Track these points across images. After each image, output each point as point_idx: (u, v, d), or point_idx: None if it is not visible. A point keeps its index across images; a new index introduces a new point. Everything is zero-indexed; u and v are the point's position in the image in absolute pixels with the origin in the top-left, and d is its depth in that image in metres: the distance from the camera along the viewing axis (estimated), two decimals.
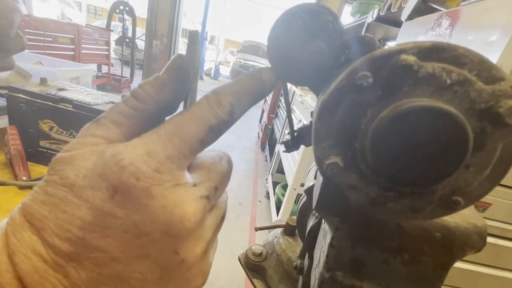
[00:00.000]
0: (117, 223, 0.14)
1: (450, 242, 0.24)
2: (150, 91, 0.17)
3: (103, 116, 0.17)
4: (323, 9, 0.21)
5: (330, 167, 0.17)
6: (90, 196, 0.14)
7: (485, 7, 0.86)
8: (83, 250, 0.14)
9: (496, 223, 0.96)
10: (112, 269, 0.15)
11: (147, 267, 0.15)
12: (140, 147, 0.15)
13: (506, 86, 0.14)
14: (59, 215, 0.14)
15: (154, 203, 0.14)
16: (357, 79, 0.15)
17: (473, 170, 0.15)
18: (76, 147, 0.16)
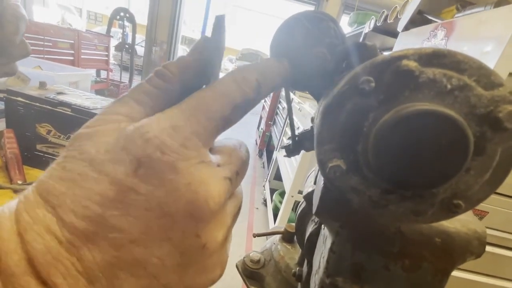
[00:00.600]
0: (140, 199, 0.13)
1: (450, 248, 0.24)
2: (175, 71, 0.17)
3: (126, 94, 0.16)
4: (324, 16, 0.22)
5: (333, 169, 0.17)
6: (112, 170, 0.13)
7: (479, 18, 0.89)
8: (101, 229, 0.13)
9: (494, 232, 0.96)
10: (130, 252, 0.13)
11: (166, 251, 0.14)
12: (164, 121, 0.14)
13: (505, 92, 0.14)
14: (77, 191, 0.13)
15: (179, 179, 0.14)
16: (360, 83, 0.16)
17: (473, 173, 0.15)
18: (97, 123, 0.15)
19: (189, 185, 0.14)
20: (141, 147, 0.14)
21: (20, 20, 0.47)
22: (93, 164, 0.14)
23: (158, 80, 0.17)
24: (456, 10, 1.15)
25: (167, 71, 0.17)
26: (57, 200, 0.13)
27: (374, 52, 0.18)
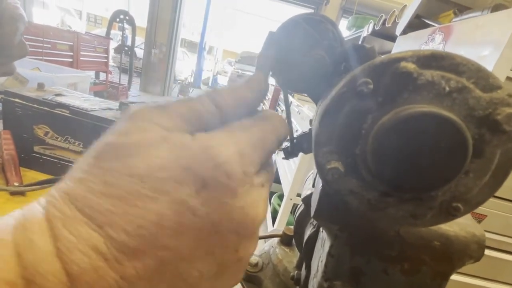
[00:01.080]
0: (195, 220, 0.13)
1: (449, 251, 0.24)
2: (231, 104, 0.17)
3: (170, 105, 0.16)
4: (323, 19, 0.22)
5: (331, 172, 0.17)
6: (172, 189, 0.13)
7: (477, 23, 0.89)
8: (152, 247, 0.13)
9: (492, 235, 0.96)
10: (176, 268, 0.14)
11: (207, 265, 0.15)
12: (231, 146, 0.15)
13: (503, 94, 0.14)
14: (128, 210, 0.12)
15: (235, 203, 0.14)
16: (358, 85, 0.16)
17: (472, 176, 0.15)
18: (134, 131, 0.14)
19: (242, 208, 0.15)
20: (210, 169, 0.14)
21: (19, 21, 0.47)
22: (145, 181, 0.13)
23: (211, 105, 0.17)
24: (453, 15, 1.16)
25: (224, 101, 0.17)
26: (105, 218, 0.12)
27: (372, 54, 0.18)
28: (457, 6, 1.25)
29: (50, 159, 0.85)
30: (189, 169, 0.13)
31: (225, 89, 0.18)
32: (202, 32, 8.72)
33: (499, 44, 0.77)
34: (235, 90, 0.18)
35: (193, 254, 0.14)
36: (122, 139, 0.14)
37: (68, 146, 0.83)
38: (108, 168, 0.13)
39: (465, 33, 0.94)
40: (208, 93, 0.17)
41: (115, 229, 0.12)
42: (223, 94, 0.17)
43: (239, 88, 0.18)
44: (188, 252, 0.14)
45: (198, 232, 0.14)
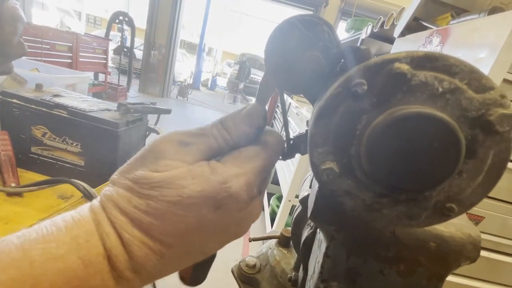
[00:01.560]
0: (212, 225, 0.20)
1: (445, 252, 0.24)
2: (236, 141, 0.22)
3: (193, 142, 0.21)
4: (319, 20, 0.22)
5: (326, 172, 0.17)
6: (196, 210, 0.19)
7: (474, 25, 0.90)
8: (181, 241, 0.19)
9: (490, 237, 0.96)
10: (196, 248, 0.21)
11: (218, 244, 0.22)
12: (242, 177, 0.20)
13: (496, 95, 0.14)
14: (165, 224, 0.19)
15: (242, 215, 0.21)
16: (352, 86, 0.16)
17: (466, 177, 0.15)
18: (164, 168, 0.19)
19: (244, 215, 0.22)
20: (224, 197, 0.19)
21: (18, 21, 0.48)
22: (177, 206, 0.18)
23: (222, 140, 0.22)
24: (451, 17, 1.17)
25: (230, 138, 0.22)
26: (148, 227, 0.19)
27: (367, 56, 0.18)
28: (454, 9, 1.26)
29: (47, 160, 0.85)
30: (209, 198, 0.19)
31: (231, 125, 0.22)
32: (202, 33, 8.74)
33: (496, 47, 0.78)
34: (239, 126, 0.22)
35: (209, 240, 0.21)
36: (155, 174, 0.19)
37: (66, 147, 0.83)
38: (148, 194, 0.19)
39: (462, 36, 0.95)
40: (219, 129, 0.22)
41: (156, 234, 0.19)
42: (230, 132, 0.22)
43: (243, 124, 0.23)
44: (206, 240, 0.21)
45: (214, 229, 0.20)
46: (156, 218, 0.18)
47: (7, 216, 0.65)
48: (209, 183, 0.19)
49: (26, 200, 0.71)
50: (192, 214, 0.19)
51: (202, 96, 8.66)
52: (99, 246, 0.18)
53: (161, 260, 0.19)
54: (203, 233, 0.20)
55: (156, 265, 0.19)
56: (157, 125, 1.09)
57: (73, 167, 0.84)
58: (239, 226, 0.22)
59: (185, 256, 0.21)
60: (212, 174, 0.19)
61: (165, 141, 0.20)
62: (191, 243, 0.20)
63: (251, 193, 0.21)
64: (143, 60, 6.60)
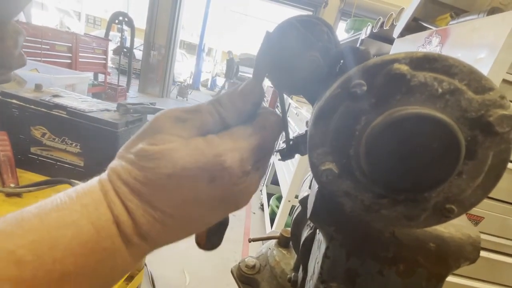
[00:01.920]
0: (208, 198, 0.21)
1: (445, 253, 0.24)
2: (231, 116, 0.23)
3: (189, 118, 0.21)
4: (318, 21, 0.22)
5: (325, 173, 0.17)
6: (191, 183, 0.20)
7: (473, 26, 0.90)
8: (180, 212, 0.20)
9: (489, 237, 0.96)
10: (195, 218, 0.22)
11: (216, 216, 0.23)
12: (235, 153, 0.21)
13: (495, 96, 0.14)
14: (163, 195, 0.20)
15: (235, 188, 0.21)
16: (352, 87, 0.16)
17: (465, 178, 0.15)
18: (161, 142, 0.20)
19: (240, 190, 0.22)
20: (219, 170, 0.20)
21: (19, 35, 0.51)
22: (172, 178, 0.19)
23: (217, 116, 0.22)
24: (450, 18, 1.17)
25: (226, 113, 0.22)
26: (149, 198, 0.20)
27: (366, 56, 0.18)
28: (454, 9, 1.26)
29: (47, 160, 0.85)
30: (203, 170, 0.20)
31: (227, 104, 0.22)
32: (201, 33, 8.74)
33: (495, 47, 0.78)
34: (234, 103, 0.23)
35: (207, 211, 0.22)
36: (152, 147, 0.20)
37: (65, 148, 0.83)
38: (145, 166, 0.20)
39: (462, 36, 0.95)
40: (215, 105, 0.22)
41: (156, 204, 0.20)
42: (225, 108, 0.22)
43: (237, 102, 0.23)
44: (204, 211, 0.22)
45: (211, 202, 0.21)
46: (154, 189, 0.19)
47: None
48: (204, 155, 0.20)
49: (25, 201, 0.71)
50: (187, 186, 0.20)
51: (202, 96, 8.66)
52: (108, 213, 0.19)
53: (164, 228, 0.20)
54: (200, 205, 0.21)
55: (160, 232, 0.21)
56: None
57: (72, 167, 0.84)
58: (236, 199, 0.23)
59: (187, 225, 0.22)
60: (207, 147, 0.20)
61: (163, 117, 0.21)
62: (191, 214, 0.21)
63: (245, 168, 0.21)
64: (143, 60, 6.59)
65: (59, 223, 0.18)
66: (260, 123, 0.23)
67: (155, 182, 0.19)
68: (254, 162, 0.22)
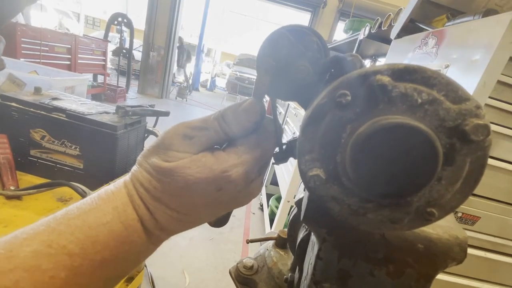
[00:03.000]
0: (216, 202, 0.25)
1: (433, 254, 0.25)
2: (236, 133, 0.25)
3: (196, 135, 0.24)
4: (308, 31, 0.22)
5: (313, 179, 0.18)
6: (202, 192, 0.24)
7: (469, 28, 0.91)
8: (192, 212, 0.25)
9: (485, 237, 0.97)
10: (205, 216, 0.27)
11: (222, 212, 0.28)
12: (241, 166, 0.24)
13: (471, 106, 0.15)
14: (178, 201, 0.24)
15: (240, 195, 0.25)
16: (337, 97, 0.16)
17: (445, 183, 0.16)
18: (173, 159, 0.23)
19: (245, 195, 0.26)
20: (225, 183, 0.24)
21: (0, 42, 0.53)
22: (185, 189, 0.23)
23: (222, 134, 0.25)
24: (446, 19, 1.18)
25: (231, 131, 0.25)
26: (166, 202, 0.24)
27: (353, 66, 0.19)
28: (450, 11, 1.27)
29: (46, 163, 0.85)
30: (212, 183, 0.23)
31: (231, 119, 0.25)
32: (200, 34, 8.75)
33: (490, 49, 0.79)
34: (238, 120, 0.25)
35: (215, 211, 0.27)
36: (165, 164, 0.23)
37: (65, 150, 0.84)
38: (163, 180, 0.23)
39: (458, 38, 0.96)
40: (220, 122, 0.25)
41: (172, 207, 0.24)
42: (230, 124, 0.25)
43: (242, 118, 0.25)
44: (212, 211, 0.26)
45: (218, 205, 0.26)
46: (171, 196, 0.24)
47: (7, 219, 0.66)
48: (212, 171, 0.23)
49: (25, 203, 0.72)
50: (197, 195, 0.24)
51: (201, 97, 8.67)
52: (134, 214, 0.24)
53: (180, 223, 0.25)
54: (209, 207, 0.25)
55: (177, 226, 0.25)
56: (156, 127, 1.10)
57: (72, 169, 0.85)
58: (241, 201, 0.27)
59: (199, 220, 0.27)
60: (214, 163, 0.23)
61: (172, 134, 0.24)
62: (202, 212, 0.26)
63: (249, 179, 0.25)
64: (142, 61, 6.60)
65: (97, 223, 0.22)
66: (261, 135, 0.26)
67: (171, 192, 0.23)
68: (257, 172, 0.26)
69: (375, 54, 2.54)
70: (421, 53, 1.10)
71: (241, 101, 0.25)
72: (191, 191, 0.23)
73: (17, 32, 2.88)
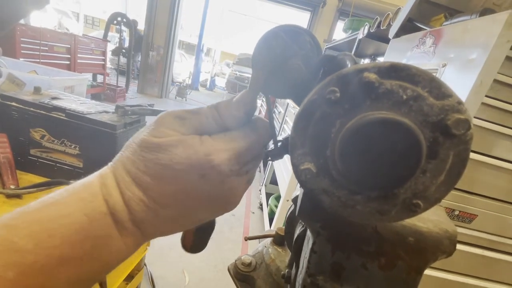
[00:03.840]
0: (198, 193, 0.23)
1: (422, 247, 0.26)
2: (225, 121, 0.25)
3: (188, 117, 0.24)
4: (301, 30, 0.23)
5: (304, 173, 0.18)
6: (184, 176, 0.22)
7: (466, 27, 0.92)
8: (172, 202, 0.23)
9: (483, 235, 0.98)
10: (187, 212, 0.24)
11: (205, 214, 0.26)
12: (226, 152, 0.23)
13: (453, 102, 0.16)
14: (159, 183, 0.22)
15: (223, 186, 0.24)
16: (327, 93, 0.17)
17: (429, 175, 0.17)
18: (161, 135, 0.23)
19: (229, 188, 0.24)
20: (208, 169, 0.22)
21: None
22: (167, 169, 0.22)
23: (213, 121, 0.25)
24: (444, 19, 1.19)
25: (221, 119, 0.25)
26: (146, 186, 0.22)
27: (342, 65, 0.20)
28: (448, 10, 1.27)
29: (46, 162, 0.86)
30: (195, 167, 0.22)
31: (223, 109, 0.25)
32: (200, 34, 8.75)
33: (486, 48, 0.79)
34: (229, 109, 0.25)
35: (197, 207, 0.24)
36: (154, 139, 0.22)
37: (65, 149, 0.84)
38: (146, 157, 0.22)
39: (455, 37, 0.96)
40: (212, 110, 0.25)
41: (151, 192, 0.22)
42: (220, 113, 0.25)
43: (231, 108, 0.25)
44: (194, 206, 0.24)
45: (200, 198, 0.24)
46: (152, 178, 0.22)
47: None
48: (196, 153, 0.22)
49: (26, 202, 0.72)
50: (180, 178, 0.22)
51: (201, 96, 8.68)
52: (103, 206, 0.22)
53: (157, 218, 0.23)
54: (191, 198, 0.23)
55: (153, 222, 0.23)
56: None
57: (71, 168, 0.86)
58: (224, 198, 0.25)
59: (178, 218, 0.24)
60: (199, 146, 0.23)
61: (166, 115, 0.24)
62: (182, 206, 0.24)
63: (233, 167, 0.23)
64: (142, 61, 6.60)
65: (57, 215, 0.20)
66: (250, 128, 0.26)
67: (153, 172, 0.22)
68: (242, 163, 0.25)
69: (374, 53, 2.55)
70: (419, 52, 1.10)
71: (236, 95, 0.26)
72: (174, 172, 0.22)
73: (17, 32, 2.88)
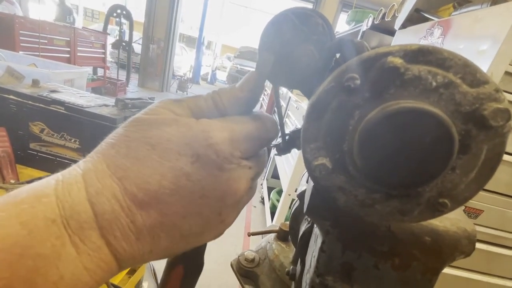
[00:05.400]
0: (189, 184, 0.18)
1: (439, 247, 0.24)
2: (226, 104, 0.22)
3: (184, 99, 0.21)
4: (313, 13, 0.21)
5: (318, 168, 0.17)
6: (174, 158, 0.18)
7: (476, 17, 0.89)
8: (154, 201, 0.17)
9: (489, 230, 0.96)
10: (171, 220, 0.18)
11: (195, 221, 0.19)
12: (226, 132, 0.19)
13: (490, 89, 0.14)
14: (141, 169, 0.17)
15: (222, 175, 0.19)
16: (345, 81, 0.15)
17: (459, 172, 0.15)
18: (154, 112, 0.19)
19: (227, 180, 0.19)
20: (204, 147, 0.18)
21: None
22: (156, 149, 0.18)
23: (211, 103, 0.22)
24: (453, 8, 1.15)
25: (221, 102, 0.22)
26: (124, 173, 0.17)
27: (361, 49, 0.18)
28: None
29: (46, 156, 0.85)
30: (188, 145, 0.18)
31: (224, 91, 0.22)
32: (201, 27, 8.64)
33: (498, 38, 0.76)
34: (230, 91, 0.22)
35: (186, 211, 0.19)
36: (144, 116, 0.19)
37: (64, 143, 0.83)
38: (132, 137, 0.18)
39: (464, 27, 0.93)
40: (211, 93, 0.22)
41: (129, 182, 0.17)
42: (220, 95, 0.22)
43: (234, 90, 0.22)
44: (182, 209, 0.18)
45: (190, 193, 0.18)
46: (133, 162, 0.17)
47: None
48: (191, 130, 0.19)
49: None
50: (168, 162, 0.17)
51: (202, 90, 8.63)
52: (50, 209, 0.15)
53: (132, 226, 0.17)
54: (178, 195, 0.18)
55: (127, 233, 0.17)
56: None
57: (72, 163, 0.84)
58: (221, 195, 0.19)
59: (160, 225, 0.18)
60: (195, 124, 0.19)
61: (165, 99, 0.22)
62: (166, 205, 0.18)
63: (234, 152, 0.19)
64: (142, 54, 6.54)
65: None
66: (253, 116, 0.23)
67: (137, 153, 0.17)
68: (244, 151, 0.20)
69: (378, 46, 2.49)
70: (427, 43, 1.07)
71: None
72: (162, 152, 0.17)
73: (15, 24, 2.85)
